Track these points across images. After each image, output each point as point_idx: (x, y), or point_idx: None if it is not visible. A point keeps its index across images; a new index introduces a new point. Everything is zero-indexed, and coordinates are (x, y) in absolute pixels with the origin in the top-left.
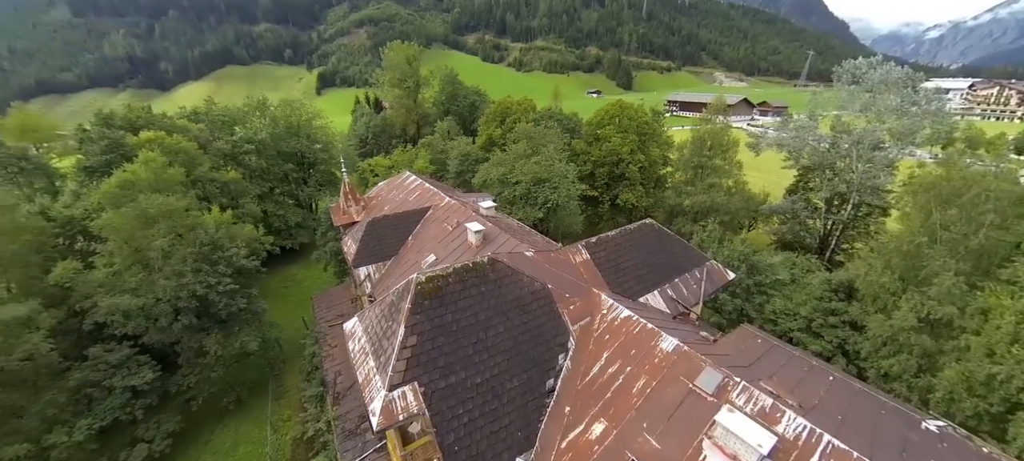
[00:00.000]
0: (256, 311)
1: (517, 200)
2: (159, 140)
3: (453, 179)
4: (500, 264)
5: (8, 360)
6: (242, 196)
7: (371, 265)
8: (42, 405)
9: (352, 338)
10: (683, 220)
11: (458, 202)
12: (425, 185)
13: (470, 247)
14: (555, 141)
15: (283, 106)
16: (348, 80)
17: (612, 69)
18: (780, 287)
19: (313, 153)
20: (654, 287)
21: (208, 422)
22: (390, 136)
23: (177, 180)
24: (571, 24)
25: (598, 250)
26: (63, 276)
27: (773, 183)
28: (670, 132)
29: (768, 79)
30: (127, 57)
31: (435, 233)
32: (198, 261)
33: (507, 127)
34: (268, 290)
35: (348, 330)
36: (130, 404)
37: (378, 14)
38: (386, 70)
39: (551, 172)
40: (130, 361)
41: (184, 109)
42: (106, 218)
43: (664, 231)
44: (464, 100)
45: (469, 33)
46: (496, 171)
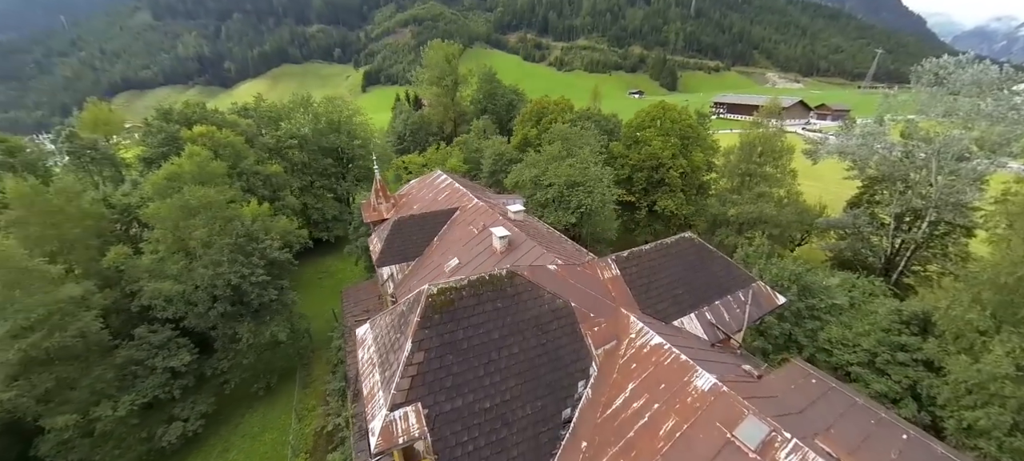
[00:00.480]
0: (286, 302)
1: (549, 203)
2: (209, 134)
3: (486, 179)
4: (519, 278)
5: (63, 336)
6: (282, 189)
7: (395, 265)
8: (92, 379)
9: (363, 345)
10: (727, 231)
11: (486, 204)
12: (455, 185)
13: (494, 253)
14: (591, 143)
15: (325, 103)
16: (392, 78)
17: (656, 69)
18: (837, 312)
19: (351, 149)
20: (691, 310)
21: (240, 405)
22: (427, 133)
23: (219, 173)
24: (615, 23)
25: (629, 265)
26: (115, 260)
27: (831, 194)
28: (716, 136)
29: (827, 80)
30: (196, 57)
31: (461, 236)
32: (234, 252)
33: (543, 127)
34: (303, 280)
35: (360, 336)
36: (169, 384)
37: (423, 14)
38: (425, 68)
39: (585, 176)
40: (171, 343)
41: (236, 104)
42: (153, 208)
43: (705, 247)
44: (501, 99)
45: (511, 32)
46: (529, 172)
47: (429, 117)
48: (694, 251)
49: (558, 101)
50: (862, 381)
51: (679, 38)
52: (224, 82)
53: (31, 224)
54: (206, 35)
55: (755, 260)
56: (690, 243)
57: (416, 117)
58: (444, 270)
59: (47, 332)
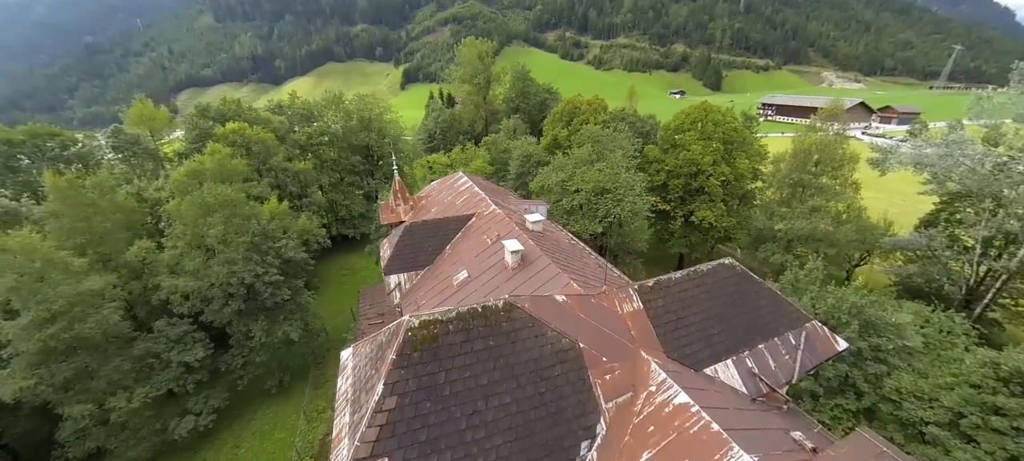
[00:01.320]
0: (301, 303)
1: (576, 210)
2: (241, 131)
3: (513, 181)
4: (518, 311)
5: (82, 327)
6: (310, 186)
7: (403, 273)
8: (109, 370)
9: (342, 374)
10: (772, 247)
11: (504, 211)
12: (474, 188)
13: (506, 268)
14: (624, 146)
15: (356, 100)
16: (430, 76)
17: (700, 68)
18: (909, 356)
19: (381, 147)
20: (728, 354)
21: (253, 401)
22: (457, 132)
23: (240, 171)
24: (657, 20)
25: (655, 298)
26: (138, 254)
27: (897, 208)
28: (764, 140)
29: (893, 79)
30: (251, 56)
31: (473, 246)
32: (249, 250)
33: (573, 129)
34: (327, 276)
35: (342, 361)
36: (183, 377)
37: (462, 13)
38: (458, 66)
39: (615, 182)
40: (188, 337)
41: (271, 101)
42: (173, 204)
43: (748, 276)
44: (534, 98)
45: (549, 30)
46: (555, 177)
47: (460, 116)
48: (735, 282)
49: (591, 101)
50: (941, 446)
51: (726, 35)
52: (275, 79)
53: (65, 216)
54: (260, 35)
55: (806, 287)
56: (730, 272)
57: (447, 115)
58: (452, 283)
59: (67, 323)
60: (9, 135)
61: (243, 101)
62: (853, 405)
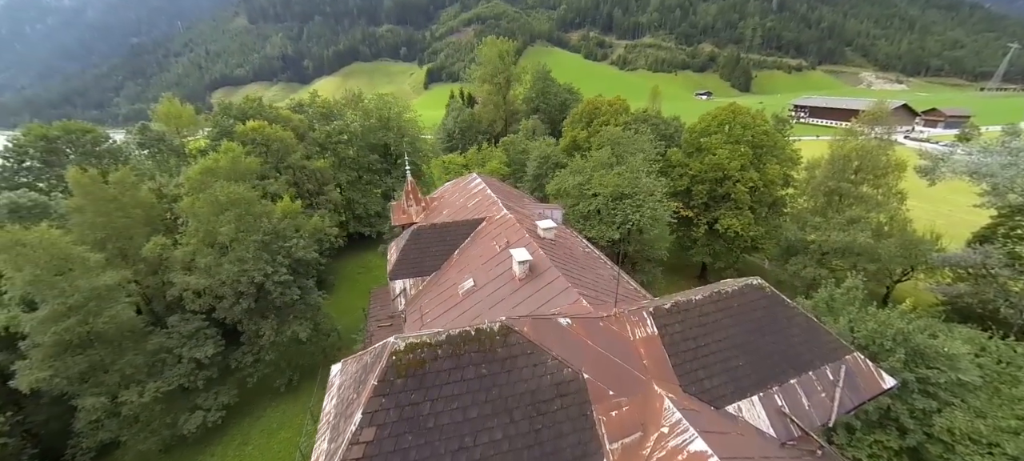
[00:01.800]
0: (310, 303)
1: (592, 215)
2: (260, 129)
3: (530, 183)
4: (516, 336)
5: (96, 322)
6: (327, 184)
7: (409, 279)
8: (123, 364)
9: (329, 391)
10: (804, 260)
11: (516, 216)
12: (486, 191)
13: (513, 279)
14: (645, 150)
15: (376, 99)
16: (453, 76)
17: (728, 68)
18: (963, 391)
19: (399, 146)
20: (755, 390)
21: (263, 398)
22: (476, 132)
23: (252, 169)
24: (685, 19)
25: (671, 322)
26: (152, 250)
27: (944, 219)
28: (797, 145)
29: (940, 80)
30: (281, 56)
31: (482, 252)
32: (259, 249)
33: (593, 130)
34: (343, 273)
35: (331, 376)
36: (194, 373)
37: (486, 13)
38: (479, 66)
39: (635, 187)
40: (200, 333)
41: (292, 100)
42: (187, 202)
43: (779, 300)
44: (554, 98)
45: (573, 30)
46: (572, 180)
47: (479, 116)
48: (763, 306)
49: (612, 101)
50: None
51: (756, 34)
52: (303, 78)
53: (87, 211)
54: (290, 36)
55: (843, 307)
56: (758, 294)
57: (466, 115)
58: (458, 292)
59: (82, 318)
60: (45, 131)
61: (272, 99)
62: (895, 443)
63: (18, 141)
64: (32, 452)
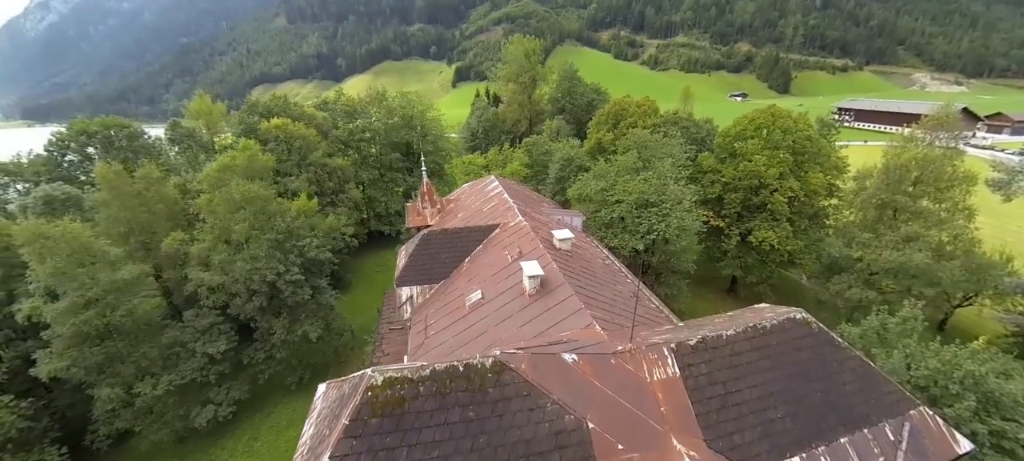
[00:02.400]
0: (322, 303)
1: (615, 223)
2: (284, 126)
3: (552, 186)
4: (511, 374)
5: (113, 315)
6: (347, 182)
7: (417, 286)
8: (138, 356)
9: (310, 416)
10: (849, 279)
11: (531, 223)
12: (503, 195)
13: (523, 293)
14: (675, 154)
15: (400, 97)
16: (481, 75)
17: (766, 68)
18: None
19: (421, 144)
20: (796, 449)
21: (274, 394)
22: (500, 132)
23: (268, 168)
24: (720, 17)
25: (697, 361)
26: (170, 245)
27: (1014, 236)
28: (843, 151)
29: (1005, 81)
30: (316, 54)
31: (493, 261)
32: (272, 248)
33: (619, 132)
34: (361, 271)
35: (314, 399)
36: (206, 368)
37: (516, 12)
38: (504, 64)
39: (662, 194)
40: (214, 328)
41: (319, 98)
42: (204, 199)
43: (827, 339)
44: (581, 98)
45: (604, 29)
46: (595, 185)
47: (503, 115)
48: (810, 346)
49: (640, 102)
50: None
51: (798, 33)
52: (336, 76)
53: (112, 205)
54: (326, 35)
55: (898, 339)
56: (803, 332)
57: (491, 114)
58: (465, 304)
59: (100, 310)
60: (85, 126)
61: (306, 97)
62: None
63: (61, 135)
64: (55, 435)
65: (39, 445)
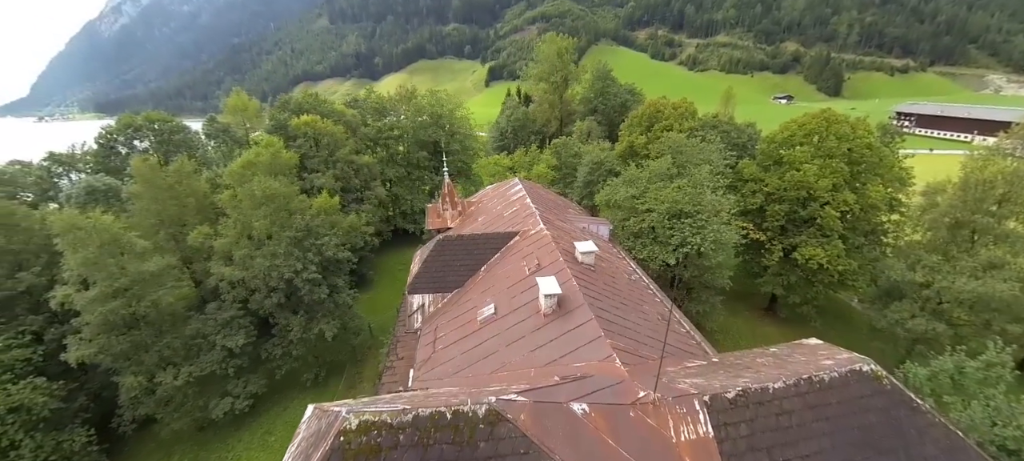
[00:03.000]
0: (339, 302)
1: (645, 233)
2: (313, 123)
3: (579, 190)
4: (507, 426)
5: (139, 305)
6: (373, 180)
7: (429, 294)
8: (161, 345)
9: (292, 443)
10: (911, 307)
11: (553, 232)
12: (526, 199)
13: (538, 312)
14: (713, 161)
15: (428, 96)
16: (513, 74)
17: (814, 69)
18: None
19: (449, 143)
20: None
21: (290, 392)
22: (529, 132)
23: (291, 165)
24: (766, 14)
25: (736, 419)
26: (196, 239)
27: None
28: (908, 161)
29: None
30: (355, 53)
31: (510, 272)
32: (290, 245)
33: (653, 135)
34: (384, 268)
35: (300, 424)
36: (225, 361)
37: (551, 11)
38: (536, 63)
39: (697, 204)
40: (234, 322)
41: (348, 95)
42: (227, 194)
43: (901, 397)
44: (614, 99)
45: (641, 28)
46: (624, 191)
47: (533, 115)
48: (879, 407)
49: (676, 104)
50: None
51: (853, 30)
52: (373, 75)
53: (144, 198)
54: (364, 35)
55: (978, 388)
56: (871, 389)
57: (521, 114)
58: (476, 318)
59: (127, 300)
60: (131, 120)
61: (344, 95)
62: None
63: (110, 129)
64: (87, 416)
65: (70, 425)
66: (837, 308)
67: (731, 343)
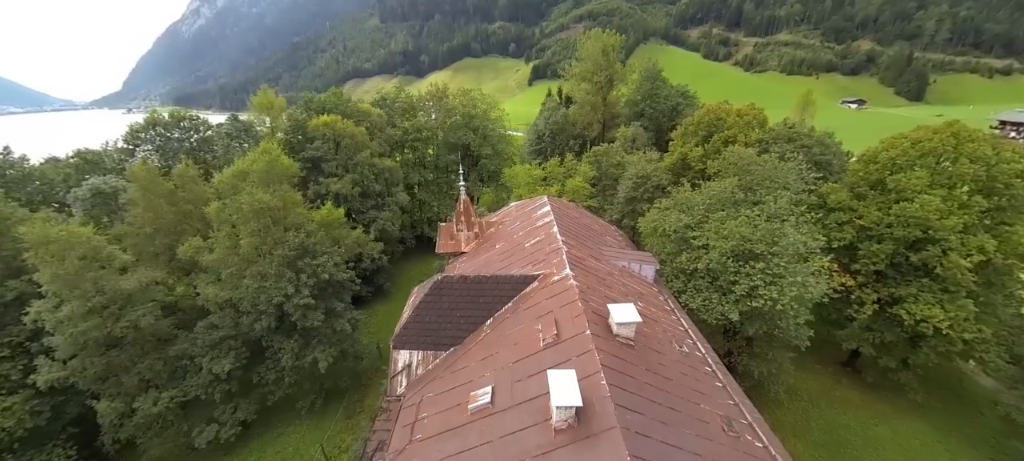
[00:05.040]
0: (337, 329)
1: (699, 275)
2: (331, 124)
3: (620, 208)
4: None
5: (115, 326)
6: (395, 185)
7: (418, 350)
8: (143, 368)
9: None
10: None
11: (582, 281)
12: (553, 227)
13: (546, 421)
14: (792, 185)
15: (460, 95)
16: (556, 73)
17: (893, 70)
18: None
19: (478, 147)
20: None
21: (283, 419)
22: (569, 136)
23: (292, 173)
24: (837, 10)
25: None
26: (186, 252)
27: None
28: None
29: None
30: (402, 51)
31: (520, 337)
32: (282, 266)
33: (712, 147)
34: (404, 278)
35: None
36: (211, 385)
37: (598, 9)
38: (578, 61)
39: (773, 244)
40: (223, 343)
41: (379, 93)
42: (214, 207)
43: None
44: (664, 102)
45: (694, 26)
46: (674, 219)
47: (574, 118)
48: None
49: (742, 110)
50: None
51: (943, 27)
52: (418, 72)
53: (139, 205)
54: (412, 33)
55: None
56: None
57: (560, 116)
58: (468, 404)
59: (102, 321)
60: (157, 118)
61: (390, 92)
62: None
63: (137, 126)
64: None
65: (51, 443)
66: (943, 374)
67: (799, 409)
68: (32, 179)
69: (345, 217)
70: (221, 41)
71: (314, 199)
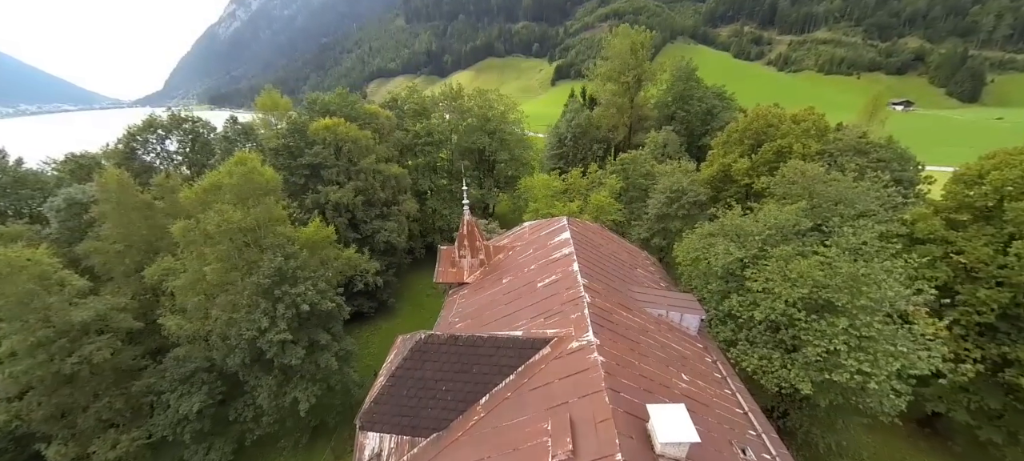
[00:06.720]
0: (322, 364)
1: (756, 325)
2: (332, 128)
3: (649, 226)
4: None
5: (63, 364)
6: (402, 193)
7: (390, 435)
8: (101, 407)
9: None
10: None
11: (609, 354)
12: (573, 263)
13: None
14: (876, 212)
15: (476, 96)
16: (580, 73)
17: (944, 70)
18: None
19: (493, 151)
20: None
21: (267, 454)
22: (592, 140)
23: (274, 186)
24: (881, 6)
25: None
26: (153, 275)
27: None
28: None
29: None
30: (426, 51)
31: (520, 434)
32: (256, 295)
33: (761, 158)
34: (410, 293)
35: None
36: (179, 425)
37: (624, 8)
38: (604, 60)
39: (856, 293)
40: (195, 377)
41: (390, 94)
42: (179, 226)
43: None
44: (698, 104)
45: (724, 24)
46: (722, 251)
47: (598, 120)
48: None
49: (798, 115)
50: None
51: (1002, 22)
52: (441, 72)
53: (108, 218)
54: (436, 33)
55: None
56: None
57: (583, 118)
58: None
59: (48, 358)
60: (154, 120)
61: (413, 91)
62: None
63: (134, 128)
64: None
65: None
66: None
67: None
68: (24, 185)
69: (347, 227)
70: (254, 42)
71: (312, 209)
